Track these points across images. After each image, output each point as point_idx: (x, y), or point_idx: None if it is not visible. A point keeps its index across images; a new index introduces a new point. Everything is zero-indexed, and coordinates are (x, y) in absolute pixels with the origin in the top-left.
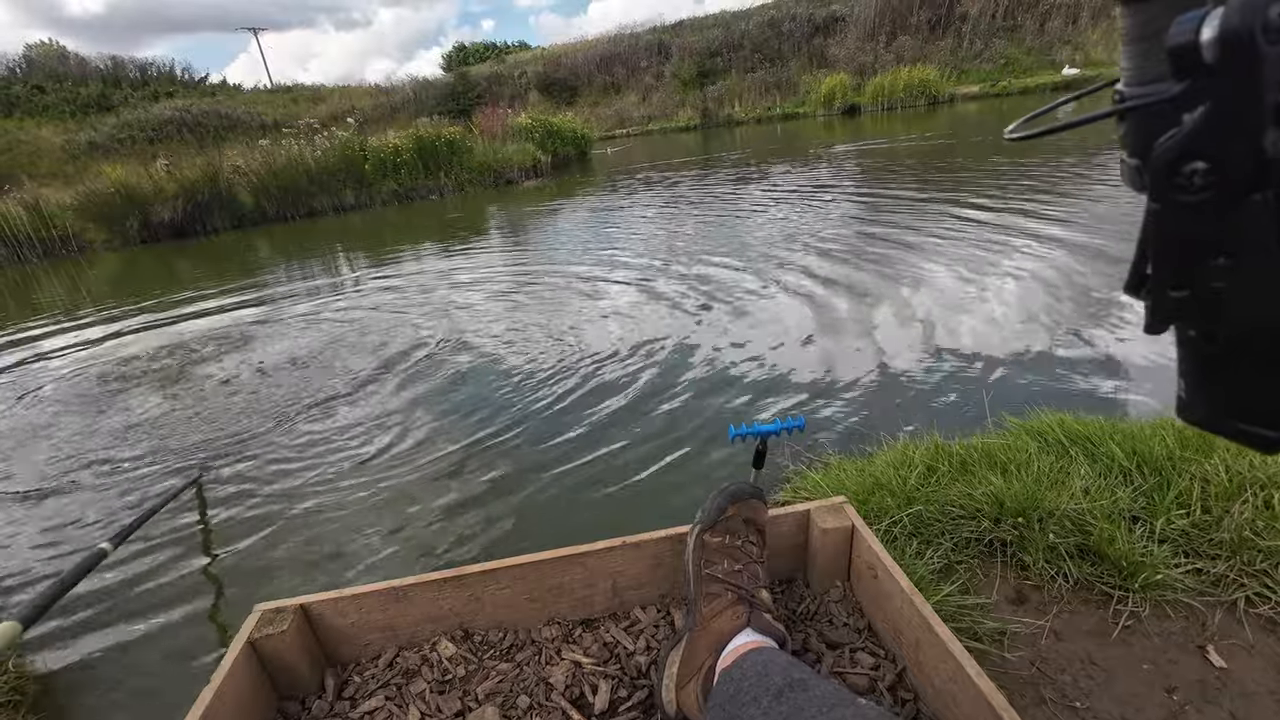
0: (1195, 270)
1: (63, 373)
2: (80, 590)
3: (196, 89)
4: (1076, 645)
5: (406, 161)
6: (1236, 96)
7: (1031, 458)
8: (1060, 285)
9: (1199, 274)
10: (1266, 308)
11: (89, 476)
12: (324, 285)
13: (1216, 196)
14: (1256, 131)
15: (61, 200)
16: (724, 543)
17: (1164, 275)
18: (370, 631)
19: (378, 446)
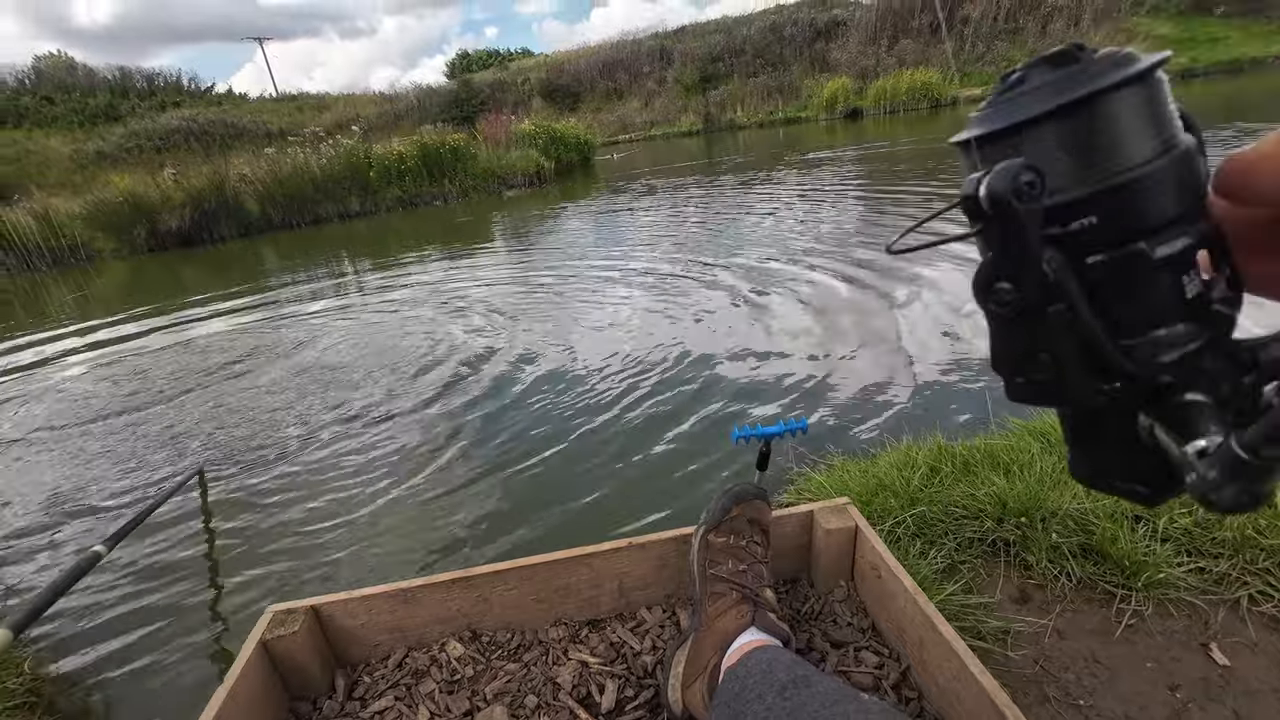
0: (1025, 366)
1: (73, 375)
2: (96, 592)
3: (203, 98)
4: (1080, 644)
5: (411, 169)
6: (1008, 237)
7: (1034, 458)
8: None
9: (1029, 369)
10: (1089, 396)
11: (97, 475)
12: (331, 291)
13: (1022, 309)
14: (1034, 260)
15: (70, 210)
16: (728, 543)
17: (1003, 371)
18: (380, 632)
19: (384, 447)
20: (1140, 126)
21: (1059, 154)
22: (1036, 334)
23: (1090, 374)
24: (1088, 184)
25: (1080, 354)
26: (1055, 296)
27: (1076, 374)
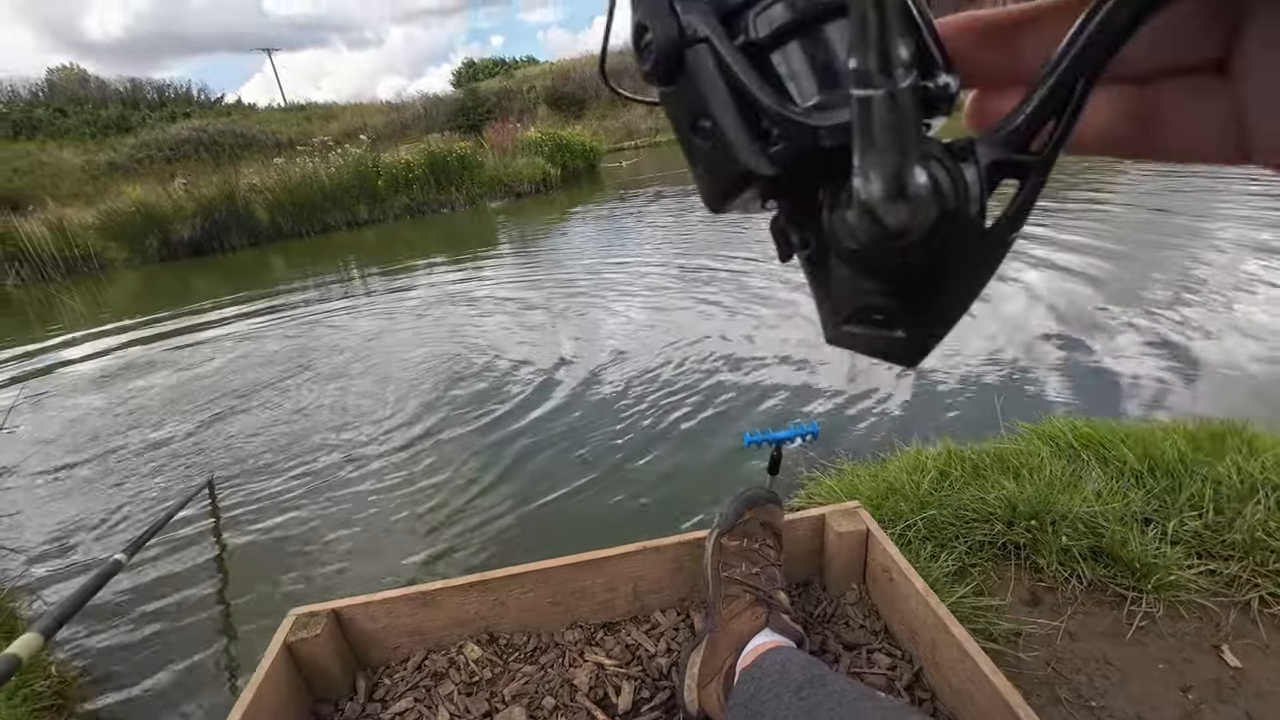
0: (692, 141)
1: (89, 380)
2: (119, 599)
3: (213, 109)
4: (1091, 645)
5: (418, 177)
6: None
7: (1044, 462)
8: (1071, 291)
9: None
10: (756, 159)
11: (112, 484)
12: (341, 299)
13: (657, 56)
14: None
15: (83, 220)
16: (742, 546)
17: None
18: (399, 635)
19: (395, 453)
20: None
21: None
22: (685, 94)
23: (752, 136)
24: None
25: (736, 110)
26: (692, 37)
27: (737, 133)
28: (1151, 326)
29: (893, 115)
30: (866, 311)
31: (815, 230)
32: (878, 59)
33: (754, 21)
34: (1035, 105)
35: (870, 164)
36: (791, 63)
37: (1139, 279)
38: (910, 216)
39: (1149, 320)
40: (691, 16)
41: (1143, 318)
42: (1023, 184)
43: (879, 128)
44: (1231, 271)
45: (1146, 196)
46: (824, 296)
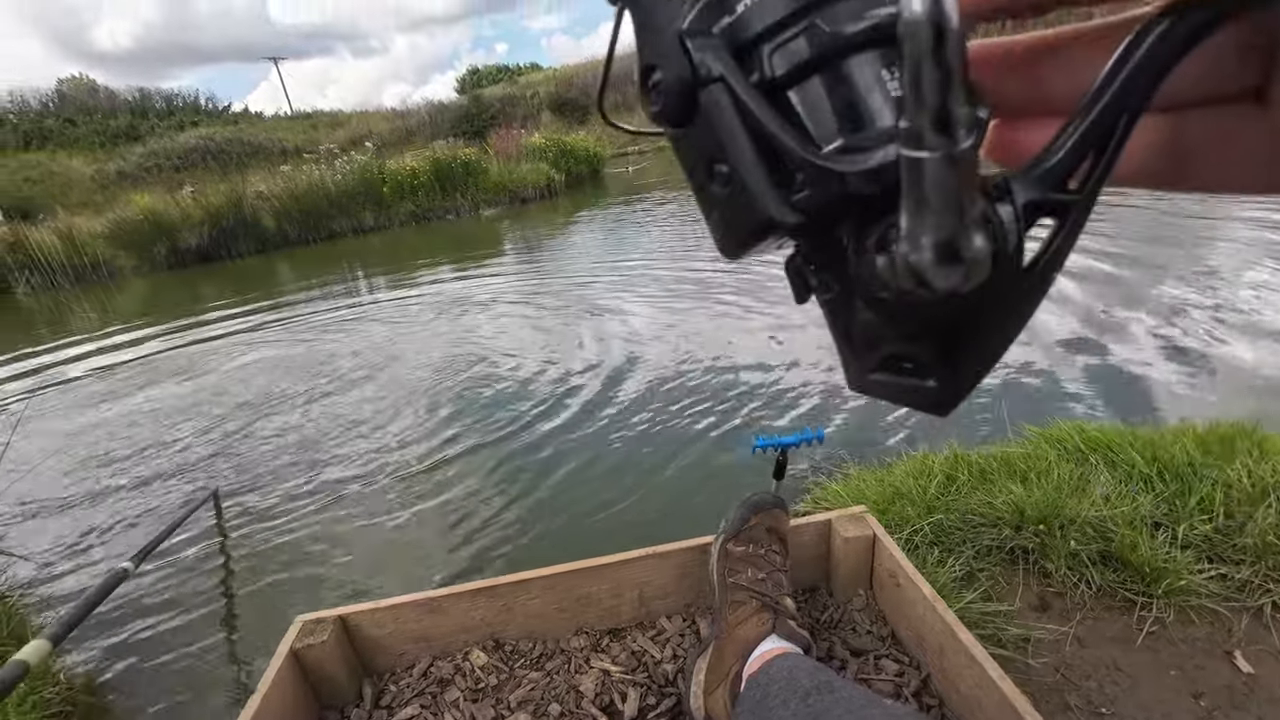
0: (705, 186)
1: (95, 389)
2: (126, 606)
3: (220, 118)
4: (1101, 651)
5: (424, 183)
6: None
7: (1051, 466)
8: (1078, 293)
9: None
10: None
11: (116, 492)
12: (346, 305)
13: (670, 96)
14: (658, 26)
15: (92, 228)
16: (747, 551)
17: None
18: (405, 641)
19: (410, 465)
20: None
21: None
22: (699, 136)
23: (774, 183)
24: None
25: (756, 154)
26: (706, 77)
27: (756, 180)
28: (1160, 328)
29: (949, 179)
30: (895, 360)
31: (837, 273)
32: (935, 119)
33: (770, 57)
34: (1074, 141)
35: (921, 228)
36: (811, 101)
37: (1147, 280)
38: (963, 280)
39: (1157, 322)
40: (705, 54)
41: (1151, 320)
42: (1061, 223)
43: (933, 192)
44: (1242, 273)
45: (1157, 199)
46: (847, 343)
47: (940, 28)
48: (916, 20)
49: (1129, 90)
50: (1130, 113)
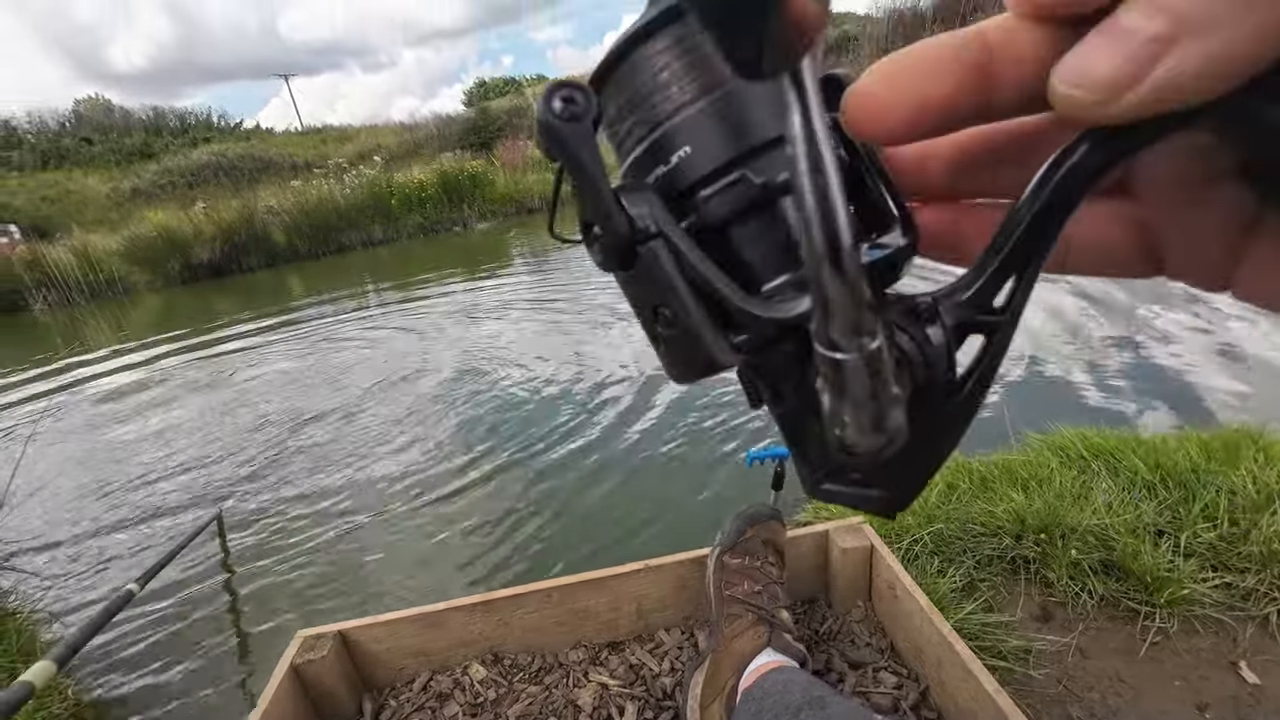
0: (655, 329)
1: (105, 408)
2: (131, 627)
3: (232, 134)
4: (1104, 662)
5: (431, 196)
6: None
7: (1053, 473)
8: (1082, 299)
9: (659, 329)
10: (723, 351)
11: (124, 511)
12: (354, 317)
13: (608, 252)
14: (594, 185)
15: (107, 245)
16: (743, 564)
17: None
18: (405, 656)
19: (400, 475)
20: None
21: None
22: (642, 283)
23: (716, 326)
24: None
25: (696, 300)
26: (643, 234)
27: (697, 324)
28: (1163, 334)
29: (863, 376)
30: (843, 472)
31: (784, 390)
32: (845, 327)
33: (707, 203)
34: (995, 268)
35: (842, 410)
36: (752, 238)
37: (1149, 285)
38: (886, 445)
39: (1160, 328)
40: (641, 210)
41: (1154, 325)
42: (989, 341)
43: (850, 387)
44: None
45: None
46: (800, 452)
47: (838, 253)
48: (818, 247)
49: (1043, 220)
50: (1045, 240)
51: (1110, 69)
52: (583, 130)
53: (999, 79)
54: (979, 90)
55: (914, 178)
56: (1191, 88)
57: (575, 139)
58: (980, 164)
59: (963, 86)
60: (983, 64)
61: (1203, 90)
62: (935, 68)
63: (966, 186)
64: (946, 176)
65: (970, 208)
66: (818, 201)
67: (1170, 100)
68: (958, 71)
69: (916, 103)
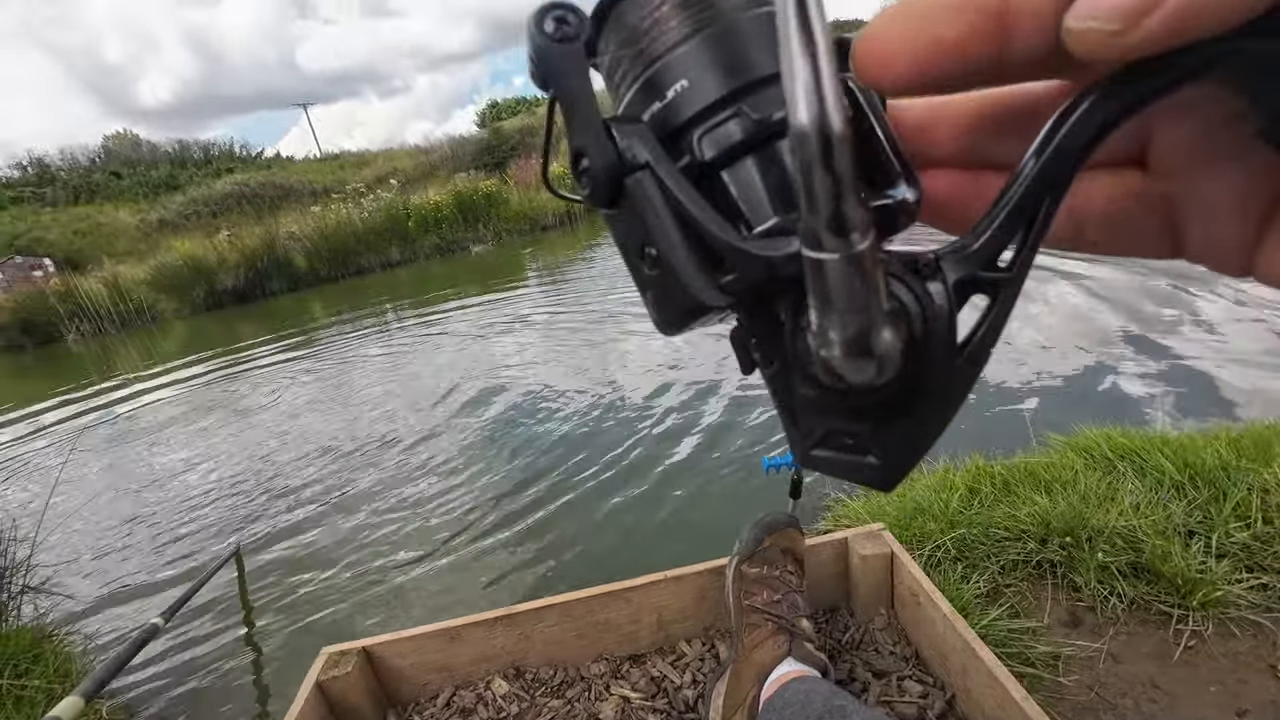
0: (638, 265)
1: (133, 432)
2: (161, 656)
3: (254, 163)
4: (1137, 668)
5: (447, 216)
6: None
7: (1077, 475)
8: (1102, 296)
9: (642, 267)
10: (710, 293)
11: (150, 544)
12: (374, 338)
13: (595, 183)
14: (586, 110)
15: (136, 275)
16: (762, 573)
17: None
18: (428, 672)
19: (417, 494)
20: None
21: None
22: (629, 219)
23: (701, 267)
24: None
25: (683, 236)
26: (631, 164)
27: (684, 264)
28: (1189, 329)
29: (850, 278)
30: (837, 435)
31: (776, 349)
32: (829, 223)
33: (700, 141)
34: (1001, 220)
35: (828, 325)
36: (744, 181)
37: (1172, 281)
38: (875, 374)
39: (1186, 323)
40: (631, 140)
41: (1179, 321)
42: (993, 300)
43: (835, 292)
44: None
45: None
46: (790, 417)
47: (827, 136)
48: (803, 130)
49: (1051, 171)
50: (1054, 193)
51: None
52: (574, 52)
53: (1015, 29)
54: (993, 38)
55: (919, 142)
56: (1212, 11)
57: (566, 62)
58: (988, 132)
59: (976, 32)
60: (998, 11)
61: (1225, 14)
62: (948, 10)
63: (973, 155)
64: (953, 143)
65: (979, 176)
66: (807, 80)
67: (1190, 26)
68: (971, 16)
69: (927, 46)
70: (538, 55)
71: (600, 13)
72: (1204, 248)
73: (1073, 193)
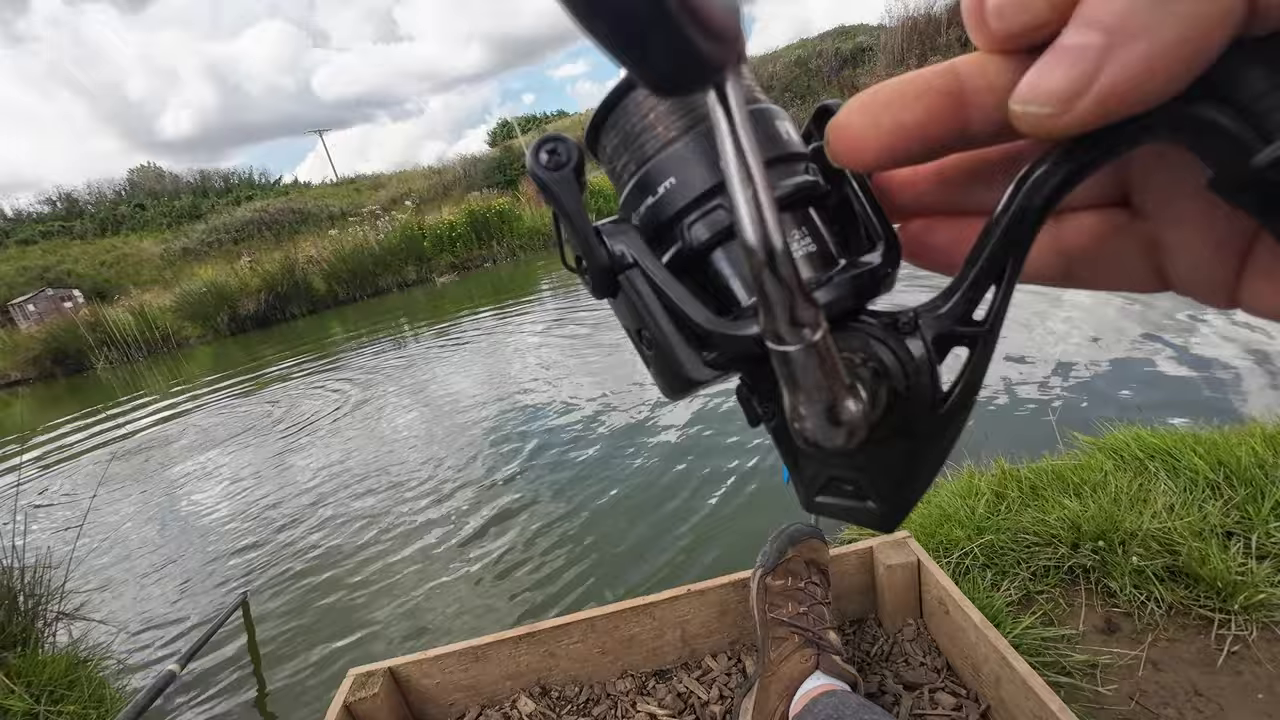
0: (641, 348)
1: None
2: (175, 701)
3: (272, 190)
4: (1179, 675)
5: (461, 235)
6: (554, 211)
7: (1107, 476)
8: (1123, 296)
9: (642, 349)
10: (697, 369)
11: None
12: (389, 352)
13: (595, 284)
14: (582, 227)
15: (161, 303)
16: (786, 585)
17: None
18: (454, 691)
19: (435, 514)
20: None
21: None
22: (625, 308)
23: (690, 345)
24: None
25: (670, 321)
26: (621, 264)
27: (673, 345)
28: (1213, 326)
29: (809, 365)
30: (837, 483)
31: (777, 404)
32: (785, 321)
33: (689, 229)
34: (971, 280)
35: (797, 403)
36: (729, 264)
37: None
38: (847, 439)
39: (1210, 320)
40: (619, 242)
41: (1202, 319)
42: (972, 352)
43: (799, 376)
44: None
45: None
46: (795, 466)
47: (770, 252)
48: (751, 247)
49: (1014, 232)
50: (1016, 252)
51: (1059, 82)
52: (564, 177)
53: (972, 106)
54: (952, 118)
55: (906, 196)
56: (1136, 91)
57: (558, 186)
58: (967, 183)
59: (935, 113)
60: (954, 91)
61: (1147, 93)
62: (907, 97)
63: (958, 204)
64: (936, 194)
65: (966, 222)
66: (748, 207)
67: (1118, 105)
68: (929, 100)
69: (891, 131)
70: (536, 180)
71: (597, 122)
72: (1188, 283)
73: (1060, 233)
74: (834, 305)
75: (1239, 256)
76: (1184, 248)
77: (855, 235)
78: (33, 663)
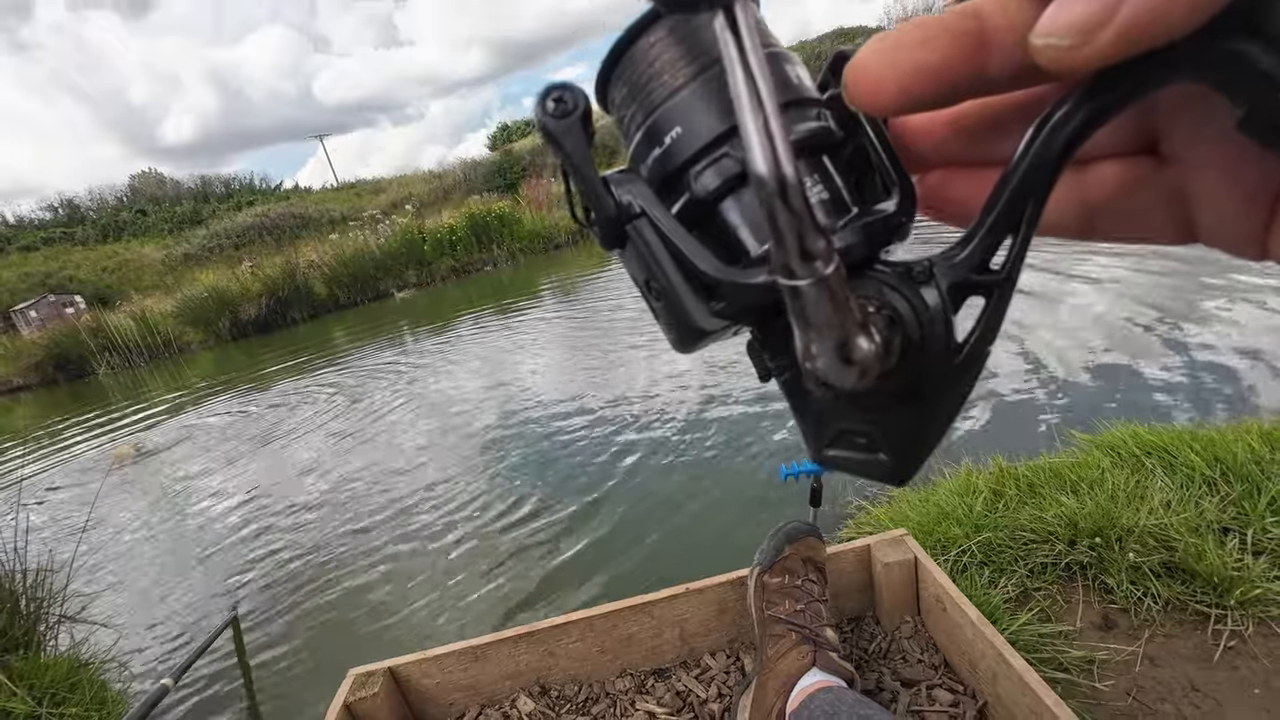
0: (649, 297)
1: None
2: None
3: (273, 195)
4: (1175, 671)
5: (462, 238)
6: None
7: (1104, 473)
8: (1120, 295)
9: (651, 298)
10: (704, 318)
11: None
12: (389, 357)
13: (605, 234)
14: (589, 177)
15: (163, 309)
16: (784, 583)
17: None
18: (453, 691)
19: (434, 515)
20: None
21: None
22: (634, 259)
23: (698, 295)
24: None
25: (678, 271)
26: (629, 214)
27: (681, 295)
28: (1210, 325)
29: (822, 299)
30: (848, 436)
31: (789, 358)
32: (796, 253)
33: (696, 179)
34: (988, 227)
35: (809, 340)
36: (738, 213)
37: (1194, 275)
38: (859, 378)
39: (1206, 318)
40: (626, 192)
41: (1199, 317)
42: (988, 301)
43: (809, 312)
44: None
45: None
46: (804, 419)
47: (782, 181)
48: (761, 177)
49: (1032, 177)
50: (1036, 197)
51: (1079, 14)
52: (570, 125)
53: (992, 46)
54: (972, 59)
55: (923, 145)
56: (1159, 21)
57: (564, 134)
58: (985, 132)
59: (955, 54)
60: (974, 32)
61: (1171, 23)
62: (927, 38)
63: (975, 154)
64: (954, 144)
65: (983, 173)
66: (758, 135)
67: (1141, 36)
68: (949, 40)
69: (910, 73)
70: (542, 129)
71: (604, 73)
72: (1216, 233)
73: (1083, 183)
74: (848, 252)
75: (1269, 205)
76: (1212, 196)
77: (870, 185)
78: (35, 665)
